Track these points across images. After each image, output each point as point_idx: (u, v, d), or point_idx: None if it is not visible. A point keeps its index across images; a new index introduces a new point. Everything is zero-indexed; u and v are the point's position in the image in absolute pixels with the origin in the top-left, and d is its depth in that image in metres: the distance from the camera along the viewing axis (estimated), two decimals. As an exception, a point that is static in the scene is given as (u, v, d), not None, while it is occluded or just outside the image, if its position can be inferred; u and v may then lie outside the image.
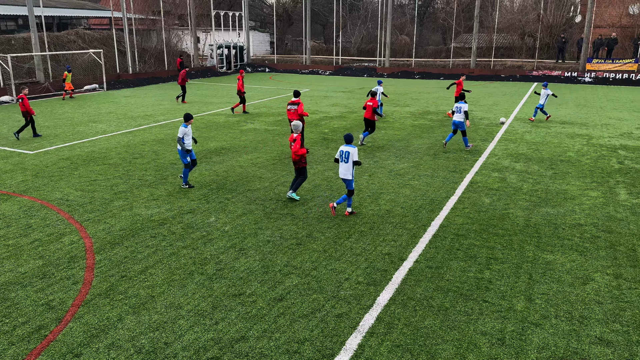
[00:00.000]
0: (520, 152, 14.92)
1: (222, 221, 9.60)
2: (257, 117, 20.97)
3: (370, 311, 6.56)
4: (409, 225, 9.42)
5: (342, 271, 7.63)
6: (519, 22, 41.77)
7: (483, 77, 37.18)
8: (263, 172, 12.81)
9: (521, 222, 9.54)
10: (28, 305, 6.69)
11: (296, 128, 10.42)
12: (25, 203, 10.58)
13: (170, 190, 11.37)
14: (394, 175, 12.60)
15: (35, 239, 8.79)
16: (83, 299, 6.83)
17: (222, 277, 7.45)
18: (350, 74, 41.73)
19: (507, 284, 7.23)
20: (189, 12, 41.27)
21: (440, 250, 8.35)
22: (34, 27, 28.78)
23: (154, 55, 38.55)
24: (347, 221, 9.59)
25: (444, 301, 6.79)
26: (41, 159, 14.23)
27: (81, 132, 17.92)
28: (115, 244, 8.61)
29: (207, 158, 14.16)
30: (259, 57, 49.74)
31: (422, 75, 39.19)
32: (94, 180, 12.12)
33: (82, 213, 10.00)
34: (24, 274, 7.53)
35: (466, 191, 11.33)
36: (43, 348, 5.82)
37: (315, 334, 6.09)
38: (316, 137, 16.96)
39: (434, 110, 22.93)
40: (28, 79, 29.15)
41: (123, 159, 14.09)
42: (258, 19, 61.98)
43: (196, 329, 6.18)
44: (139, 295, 6.94)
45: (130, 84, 33.25)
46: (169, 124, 19.37)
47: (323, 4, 55.21)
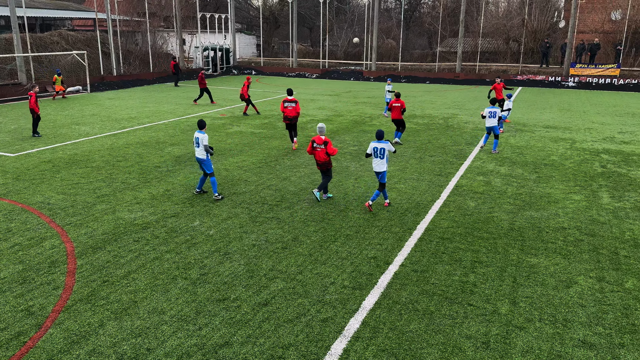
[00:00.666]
0: (505, 156, 15.04)
1: (206, 225, 9.51)
2: (243, 120, 20.87)
3: (356, 315, 6.53)
4: (394, 228, 9.42)
5: (327, 275, 7.59)
6: (503, 27, 42.26)
7: (468, 82, 37.50)
8: (249, 176, 12.74)
9: (505, 225, 9.60)
10: (7, 311, 6.54)
11: (322, 130, 10.65)
12: (5, 207, 10.38)
13: (154, 194, 11.24)
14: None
15: (15, 243, 8.61)
16: (64, 305, 6.70)
17: (206, 281, 7.37)
18: (337, 77, 41.81)
19: (492, 288, 7.26)
20: (175, 14, 41.02)
21: (425, 253, 8.36)
22: (16, 27, 28.33)
23: (138, 57, 38.21)
24: (332, 225, 9.56)
25: (429, 305, 6.78)
26: (22, 161, 13.98)
27: (64, 134, 17.67)
28: (97, 248, 8.47)
29: (192, 161, 14.04)
30: (246, 59, 49.60)
31: (409, 79, 39.40)
32: (76, 184, 11.94)
33: (63, 217, 9.83)
34: (3, 279, 7.37)
35: (451, 195, 11.38)
36: (22, 355, 5.69)
37: (300, 339, 6.04)
38: (303, 140, 16.92)
39: (419, 113, 23.04)
40: (10, 81, 28.69)
41: (106, 162, 13.91)
42: (244, 22, 61.83)
43: (179, 335, 6.09)
44: (121, 300, 6.83)
45: (114, 86, 32.90)
46: (154, 127, 19.19)
47: (310, 7, 55.30)
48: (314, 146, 10.61)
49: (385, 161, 10.08)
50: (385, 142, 10.06)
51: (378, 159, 10.08)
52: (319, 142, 10.55)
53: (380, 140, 10.07)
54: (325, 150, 10.50)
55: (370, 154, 10.18)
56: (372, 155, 10.17)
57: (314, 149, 10.61)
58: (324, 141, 10.49)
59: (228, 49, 45.44)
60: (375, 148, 10.07)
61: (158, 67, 39.28)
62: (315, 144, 10.59)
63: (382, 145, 10.03)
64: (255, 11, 58.56)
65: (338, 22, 54.73)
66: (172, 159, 14.35)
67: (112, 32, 34.70)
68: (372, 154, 10.13)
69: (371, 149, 10.12)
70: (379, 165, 10.11)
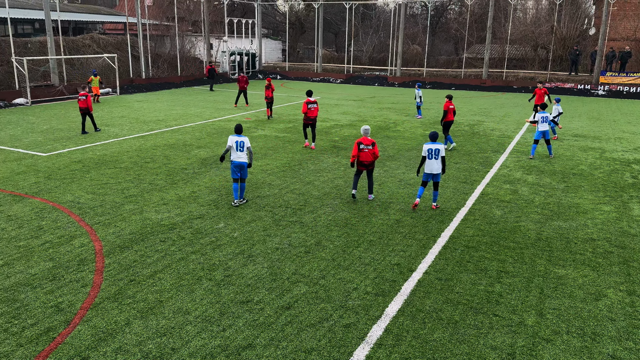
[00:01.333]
0: (532, 164, 14.80)
1: (231, 227, 9.60)
2: (267, 124, 21.03)
3: (379, 322, 6.50)
4: (418, 235, 9.36)
5: (350, 281, 7.58)
6: (532, 34, 41.64)
7: (495, 88, 37.06)
8: (272, 179, 12.82)
9: (533, 235, 9.44)
10: (37, 307, 6.72)
11: (368, 131, 10.85)
12: (37, 205, 10.66)
13: (181, 195, 11.40)
14: (403, 184, 12.55)
15: (46, 240, 8.84)
16: (92, 302, 6.84)
17: (230, 283, 7.44)
18: (361, 82, 41.78)
19: (518, 298, 7.14)
20: (203, 19, 41.63)
21: (450, 262, 8.28)
22: (50, 31, 29.16)
23: (167, 61, 38.89)
24: (356, 230, 9.55)
25: (454, 314, 6.71)
26: (54, 161, 14.35)
27: (94, 135, 18.07)
28: (125, 247, 8.63)
29: (217, 164, 14.21)
30: (271, 64, 50.00)
31: (434, 85, 39.13)
32: (105, 184, 12.20)
33: (92, 216, 10.05)
34: (34, 275, 7.57)
35: (477, 203, 11.25)
36: (51, 350, 5.83)
37: (323, 343, 6.04)
38: (326, 145, 16.96)
39: (445, 120, 22.83)
40: (43, 82, 29.50)
41: (134, 163, 14.18)
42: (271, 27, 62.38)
43: (203, 335, 6.16)
44: (147, 299, 6.94)
45: (143, 89, 33.53)
46: (181, 129, 19.49)
47: (336, 13, 55.49)
48: (360, 147, 10.78)
49: (441, 163, 10.37)
50: (440, 143, 10.38)
51: (432, 160, 10.36)
52: (366, 143, 10.80)
53: (434, 142, 10.36)
54: (372, 151, 10.76)
55: (425, 156, 10.43)
56: (426, 156, 10.42)
57: (361, 150, 10.78)
58: (372, 142, 10.80)
59: (254, 54, 45.89)
60: (430, 149, 10.34)
61: (185, 70, 39.89)
62: (363, 145, 10.80)
63: (436, 147, 10.31)
64: (282, 16, 59.04)
65: (363, 27, 54.75)
66: (198, 161, 14.54)
67: (141, 36, 35.41)
68: (427, 155, 10.38)
69: (426, 151, 10.38)
70: (435, 168, 10.37)
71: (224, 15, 43.88)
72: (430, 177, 10.50)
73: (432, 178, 10.50)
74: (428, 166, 10.40)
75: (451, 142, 16.60)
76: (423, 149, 10.42)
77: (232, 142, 10.43)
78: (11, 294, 7.03)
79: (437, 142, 10.40)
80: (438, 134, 10.44)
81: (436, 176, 10.48)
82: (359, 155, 10.86)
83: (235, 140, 10.46)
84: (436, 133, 10.37)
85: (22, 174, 12.98)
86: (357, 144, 10.84)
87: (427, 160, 10.40)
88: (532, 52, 42.11)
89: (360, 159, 10.88)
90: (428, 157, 10.38)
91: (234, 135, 10.55)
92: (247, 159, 10.52)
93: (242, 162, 10.47)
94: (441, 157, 10.33)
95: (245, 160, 10.49)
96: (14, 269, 7.76)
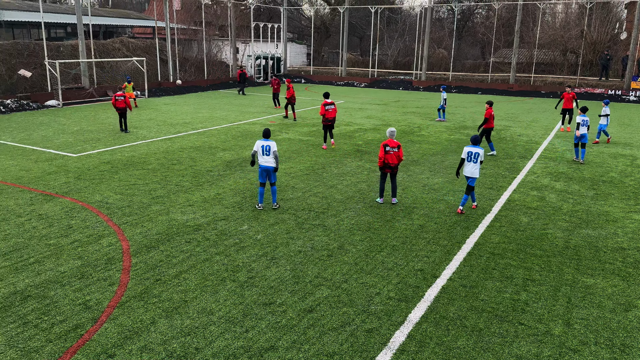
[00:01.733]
0: (561, 171, 14.52)
1: (254, 229, 9.67)
2: (291, 127, 21.14)
3: (402, 328, 6.46)
4: (442, 241, 9.27)
5: (373, 285, 7.55)
6: (561, 38, 40.92)
7: (522, 93, 36.49)
8: (296, 182, 12.87)
9: (560, 243, 9.25)
10: (66, 304, 6.88)
11: (394, 134, 10.89)
12: (67, 204, 10.93)
13: (206, 197, 11.54)
14: (427, 189, 12.46)
15: (75, 239, 9.05)
16: (118, 301, 6.98)
17: (254, 285, 7.49)
18: (385, 86, 41.66)
19: (545, 307, 7.01)
20: (230, 23, 42.14)
21: (475, 268, 8.17)
22: (81, 34, 29.92)
23: (194, 65, 39.48)
24: (379, 234, 9.52)
25: (478, 322, 6.62)
26: (83, 162, 14.70)
27: (122, 137, 18.45)
28: (151, 247, 8.78)
29: (242, 166, 14.34)
30: (295, 68, 50.26)
31: (459, 90, 38.75)
32: (132, 185, 12.44)
33: (120, 216, 10.26)
34: (63, 273, 7.76)
35: (503, 209, 11.09)
36: (79, 347, 5.96)
37: (345, 348, 6.03)
38: (350, 149, 16.96)
39: (471, 125, 22.60)
40: (74, 85, 30.27)
41: (161, 165, 14.42)
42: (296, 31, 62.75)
43: (227, 336, 6.21)
44: (172, 299, 7.05)
45: (170, 92, 34.09)
46: (207, 132, 19.74)
47: (361, 17, 55.49)
48: (386, 149, 10.84)
49: (479, 167, 10.44)
50: (480, 147, 10.45)
51: (472, 163, 10.46)
52: (392, 146, 10.86)
53: (474, 145, 10.45)
54: (397, 154, 10.84)
55: (464, 158, 10.53)
56: (466, 159, 10.52)
57: (387, 152, 10.84)
58: (397, 145, 10.86)
59: (279, 58, 46.21)
60: (470, 152, 10.44)
61: (212, 74, 40.41)
62: (389, 147, 10.86)
63: (476, 150, 10.40)
64: (307, 21, 59.34)
65: (389, 31, 54.62)
66: (223, 163, 14.70)
67: (170, 40, 36.03)
68: (466, 158, 10.48)
69: (465, 153, 10.48)
70: (473, 171, 10.47)
71: (250, 20, 44.33)
72: (469, 180, 10.62)
73: (469, 182, 10.61)
74: (466, 169, 10.53)
75: (492, 149, 16.50)
76: (463, 151, 10.54)
77: (258, 147, 10.46)
78: (41, 290, 7.22)
79: (478, 145, 10.48)
80: (479, 138, 10.53)
81: (472, 180, 10.55)
82: (385, 158, 10.90)
83: (261, 144, 10.45)
84: (477, 136, 10.49)
85: (53, 174, 13.33)
86: (383, 146, 10.87)
87: (466, 162, 10.52)
88: (561, 57, 41.37)
89: (386, 161, 10.92)
90: (467, 159, 10.50)
91: (261, 140, 10.54)
92: (273, 163, 10.49)
93: (268, 166, 10.46)
94: (480, 161, 10.42)
95: (271, 165, 10.46)
96: (45, 266, 7.97)
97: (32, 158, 15.02)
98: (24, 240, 8.98)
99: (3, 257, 8.25)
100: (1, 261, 8.11)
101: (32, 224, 9.75)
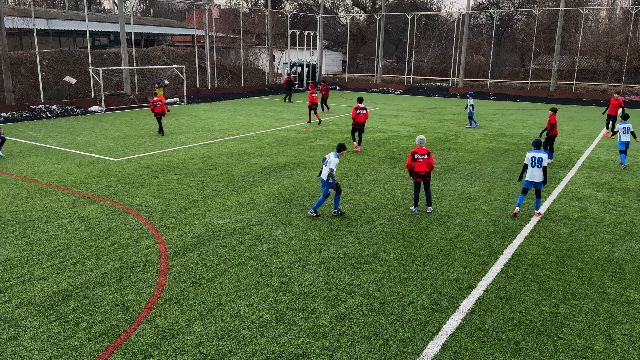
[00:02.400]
0: (603, 181, 14.04)
1: (288, 235, 9.73)
2: (325, 134, 21.20)
3: (435, 339, 6.36)
4: (479, 251, 9.09)
5: (406, 294, 7.47)
6: (604, 45, 39.67)
7: (563, 101, 35.52)
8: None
9: (602, 255, 8.93)
10: (105, 304, 7.08)
11: (423, 141, 10.87)
12: (108, 207, 11.27)
13: (241, 202, 11.70)
14: (464, 198, 12.25)
15: (115, 241, 9.32)
16: (155, 302, 7.14)
17: (286, 290, 7.53)
18: (421, 93, 41.31)
19: (585, 322, 6.77)
20: (267, 31, 42.72)
21: (512, 280, 7.98)
22: (124, 43, 30.93)
23: (231, 72, 40.17)
24: (413, 243, 9.42)
25: (515, 334, 6.45)
26: (124, 166, 15.14)
27: (162, 142, 18.93)
28: (188, 250, 8.95)
29: (277, 172, 14.47)
30: (331, 75, 50.46)
31: (498, 97, 38.03)
32: (171, 189, 12.72)
33: (158, 219, 10.50)
34: (103, 274, 7.99)
35: (542, 219, 10.79)
36: (116, 346, 6.12)
37: (377, 357, 5.98)
38: (384, 156, 16.87)
39: (509, 132, 22.14)
40: (116, 91, 31.28)
41: (199, 170, 14.71)
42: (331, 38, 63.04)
43: (259, 340, 6.26)
44: (207, 302, 7.16)
45: (208, 99, 34.78)
46: (242, 138, 20.03)
47: (397, 24, 55.31)
48: (415, 157, 10.78)
49: (543, 171, 10.47)
50: (543, 152, 10.48)
51: (535, 168, 10.48)
52: (421, 153, 10.79)
53: (537, 150, 10.49)
54: (427, 161, 10.75)
55: (527, 164, 10.56)
56: (529, 164, 10.53)
57: (416, 160, 10.78)
58: (427, 152, 10.78)
59: (314, 65, 46.51)
60: (534, 157, 10.48)
61: (249, 81, 41.01)
62: (418, 155, 10.79)
63: (540, 155, 10.43)
64: (343, 28, 59.53)
65: (425, 38, 54.21)
66: (258, 169, 14.87)
67: (208, 48, 36.79)
68: (530, 163, 10.50)
69: (529, 159, 10.53)
70: (538, 176, 10.49)
71: (287, 28, 44.81)
72: (532, 185, 10.64)
73: (534, 186, 10.63)
74: (530, 174, 10.53)
75: (550, 157, 16.06)
76: (526, 157, 10.58)
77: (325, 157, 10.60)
78: (82, 290, 7.46)
79: (541, 150, 10.47)
80: (541, 142, 10.55)
81: (538, 184, 10.58)
82: (414, 166, 10.80)
83: (325, 156, 10.65)
84: (540, 141, 10.55)
85: (95, 177, 13.78)
86: (412, 154, 10.81)
87: (530, 167, 10.52)
88: (604, 64, 40.10)
89: (416, 169, 10.82)
90: (531, 165, 10.49)
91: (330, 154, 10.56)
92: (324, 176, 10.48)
93: (322, 178, 10.56)
94: (543, 166, 10.40)
95: (323, 177, 10.50)
96: (85, 267, 8.23)
97: (75, 162, 15.58)
98: (67, 241, 9.30)
99: (47, 257, 8.57)
100: (45, 261, 8.43)
101: (74, 225, 10.10)
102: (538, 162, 10.41)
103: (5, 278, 7.78)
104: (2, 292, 7.35)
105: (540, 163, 10.39)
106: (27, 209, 11.01)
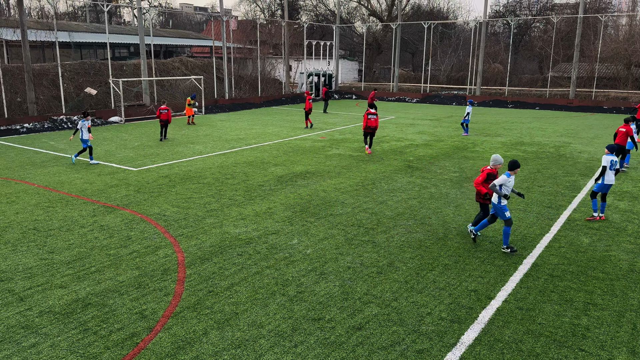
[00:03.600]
0: (625, 189, 13.77)
1: (304, 244, 9.73)
2: (342, 143, 21.22)
3: (454, 350, 6.27)
4: (498, 261, 8.97)
5: (424, 305, 7.40)
6: (624, 52, 39.12)
7: (583, 109, 35.05)
8: (346, 198, 12.87)
9: (625, 266, 8.74)
10: (123, 312, 7.15)
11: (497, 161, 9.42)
12: (127, 216, 11.41)
13: (257, 211, 11.74)
14: (482, 207, 12.11)
15: (133, 250, 9.42)
16: (173, 311, 7.18)
17: (303, 300, 7.51)
18: (438, 101, 41.14)
19: (608, 333, 6.62)
20: (284, 42, 43.07)
21: (532, 290, 7.85)
22: (143, 54, 31.47)
23: (249, 82, 40.54)
24: (430, 252, 9.33)
25: (535, 346, 6.34)
26: (143, 175, 15.34)
27: (180, 152, 19.14)
28: (205, 259, 9.00)
29: (293, 181, 14.51)
30: (347, 84, 50.59)
31: (516, 105, 37.69)
32: (189, 198, 12.84)
33: (176, 228, 10.60)
34: (121, 282, 8.08)
35: (563, 229, 10.62)
36: (134, 355, 6.17)
37: (395, 367, 5.92)
38: (400, 165, 16.81)
39: (528, 141, 21.90)
40: (136, 102, 31.77)
41: (216, 179, 14.83)
42: (348, 48, 63.25)
43: (276, 350, 6.25)
44: (223, 311, 7.18)
45: (226, 109, 35.13)
46: (259, 148, 20.15)
47: (413, 33, 55.30)
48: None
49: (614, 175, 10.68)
50: (616, 156, 10.86)
51: (612, 172, 10.68)
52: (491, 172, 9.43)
53: (611, 154, 10.70)
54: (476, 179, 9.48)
55: (605, 166, 10.62)
56: (607, 167, 10.63)
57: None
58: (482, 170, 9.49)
59: (330, 75, 46.70)
60: (612, 161, 10.63)
61: (266, 91, 41.34)
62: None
63: (615, 158, 10.70)
64: (359, 37, 59.72)
65: (442, 46, 54.08)
66: (275, 178, 14.93)
67: (226, 59, 37.22)
68: (609, 166, 10.63)
69: (608, 162, 10.63)
70: (612, 178, 10.68)
71: (303, 38, 45.13)
72: (607, 189, 10.80)
73: (607, 189, 10.81)
74: (608, 177, 10.66)
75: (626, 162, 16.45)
76: (603, 160, 10.64)
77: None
78: (101, 299, 7.54)
79: (615, 155, 10.81)
80: (615, 146, 10.71)
81: (609, 187, 10.80)
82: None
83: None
84: (615, 145, 10.73)
85: (114, 186, 13.98)
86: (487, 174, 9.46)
87: (608, 170, 10.63)
88: (624, 71, 39.50)
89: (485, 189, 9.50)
90: (610, 168, 10.62)
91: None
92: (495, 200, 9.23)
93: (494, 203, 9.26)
94: (615, 169, 10.64)
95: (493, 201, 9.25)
96: (104, 275, 8.33)
97: (95, 171, 15.83)
98: (86, 250, 9.43)
99: (67, 266, 8.70)
100: (65, 269, 8.56)
101: (94, 234, 10.24)
102: (615, 165, 10.62)
103: (27, 286, 7.91)
104: (24, 300, 7.47)
105: (613, 166, 10.61)
106: (48, 218, 11.21)
